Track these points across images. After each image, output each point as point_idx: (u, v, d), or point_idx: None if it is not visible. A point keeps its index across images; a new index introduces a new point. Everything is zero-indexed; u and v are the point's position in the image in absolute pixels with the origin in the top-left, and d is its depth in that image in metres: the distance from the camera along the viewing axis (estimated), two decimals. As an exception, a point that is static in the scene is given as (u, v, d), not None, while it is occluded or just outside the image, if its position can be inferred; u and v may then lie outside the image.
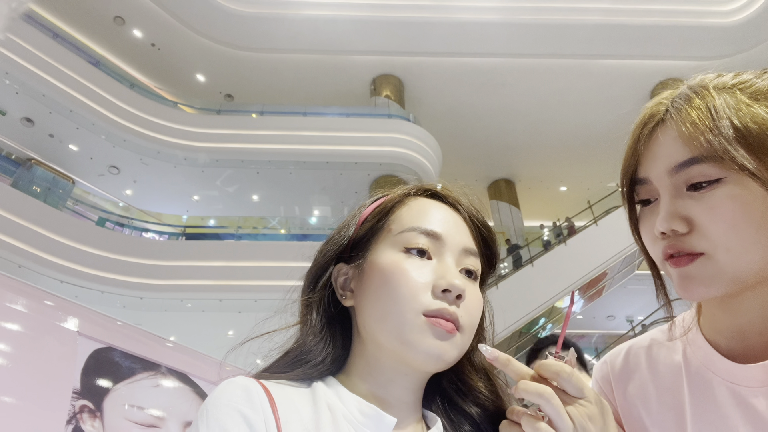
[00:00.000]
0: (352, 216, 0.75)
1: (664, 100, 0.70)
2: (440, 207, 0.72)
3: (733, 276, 0.60)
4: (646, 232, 0.68)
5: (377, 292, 0.65)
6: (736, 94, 0.62)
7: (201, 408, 0.58)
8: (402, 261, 0.65)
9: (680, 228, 0.62)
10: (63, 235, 10.05)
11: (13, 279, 1.68)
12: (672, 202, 0.63)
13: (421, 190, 0.75)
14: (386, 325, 0.63)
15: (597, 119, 16.35)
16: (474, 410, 0.71)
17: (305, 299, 0.72)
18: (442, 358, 0.62)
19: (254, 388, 0.59)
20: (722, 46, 14.69)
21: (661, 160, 0.64)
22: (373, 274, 0.66)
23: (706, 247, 0.61)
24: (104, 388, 1.61)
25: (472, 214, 0.73)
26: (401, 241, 0.67)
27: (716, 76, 0.67)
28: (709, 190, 0.60)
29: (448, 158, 15.07)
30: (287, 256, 10.66)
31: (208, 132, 13.20)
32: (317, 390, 0.64)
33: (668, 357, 0.74)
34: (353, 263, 0.71)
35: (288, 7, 14.19)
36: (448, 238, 0.68)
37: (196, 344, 2.40)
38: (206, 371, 2.06)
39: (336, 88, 15.53)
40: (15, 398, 1.39)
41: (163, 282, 10.68)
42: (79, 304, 1.80)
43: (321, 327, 0.69)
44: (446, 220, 0.70)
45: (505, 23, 14.29)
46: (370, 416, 0.62)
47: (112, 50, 14.47)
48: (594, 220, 12.30)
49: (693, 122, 0.62)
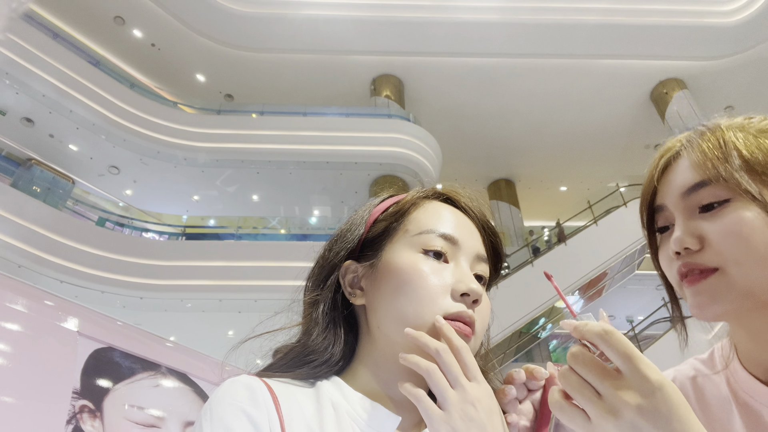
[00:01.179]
0: (362, 215, 0.75)
1: (681, 138, 0.77)
2: (454, 212, 0.73)
3: (744, 290, 0.63)
4: (663, 256, 0.72)
5: (395, 292, 0.65)
6: (744, 130, 0.70)
7: (204, 407, 0.58)
8: (420, 262, 0.66)
9: (693, 245, 0.66)
10: (63, 235, 10.05)
11: (13, 279, 1.68)
12: (685, 223, 0.68)
13: (434, 193, 0.76)
14: (404, 324, 0.63)
15: (597, 119, 16.36)
16: None
17: (311, 297, 0.72)
18: None
19: (258, 386, 0.59)
20: (722, 46, 14.69)
21: (675, 186, 0.71)
22: (390, 273, 0.67)
23: (718, 261, 0.65)
24: (104, 388, 1.61)
25: (483, 221, 0.75)
26: (419, 242, 0.68)
27: (729, 118, 0.75)
28: (719, 210, 0.66)
29: (448, 158, 15.07)
30: (287, 256, 10.66)
31: (208, 132, 13.20)
32: (321, 388, 0.64)
33: (714, 389, 0.76)
34: (364, 262, 0.71)
35: (288, 7, 14.18)
36: (464, 243, 0.69)
37: (196, 344, 2.40)
38: (206, 371, 2.06)
39: (336, 88, 15.53)
40: (15, 398, 1.39)
41: (163, 282, 10.68)
42: (79, 304, 1.80)
43: (326, 325, 0.69)
44: (461, 225, 0.71)
45: (505, 23, 14.28)
46: (374, 414, 0.62)
47: (112, 50, 14.47)
48: (594, 220, 12.31)
49: (703, 151, 0.69)
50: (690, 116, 14.35)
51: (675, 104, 14.85)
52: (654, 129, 15.92)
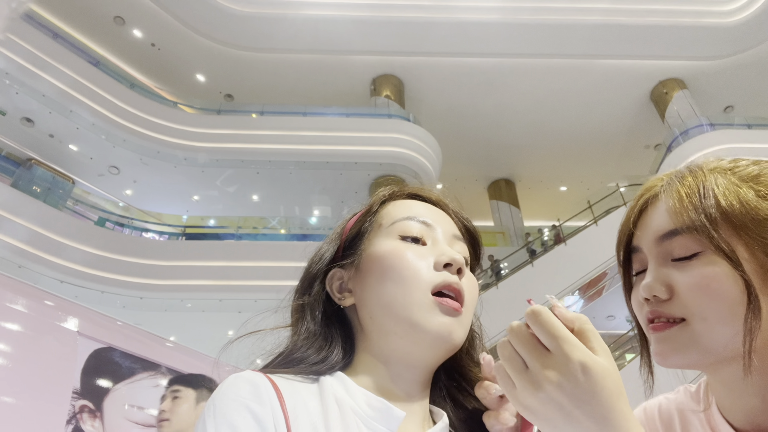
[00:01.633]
0: (337, 230, 0.77)
1: (664, 177, 0.74)
2: (425, 204, 0.75)
3: (707, 345, 0.63)
4: (635, 299, 0.72)
5: (381, 279, 0.66)
6: (727, 176, 0.67)
7: (208, 402, 0.57)
8: (400, 246, 0.67)
9: (661, 294, 0.66)
10: (63, 235, 10.05)
11: (13, 279, 1.68)
12: (657, 269, 0.67)
13: (401, 193, 0.78)
14: (394, 308, 0.64)
15: (597, 119, 16.36)
16: (477, 404, 0.71)
17: (297, 303, 0.73)
18: (451, 337, 0.64)
19: (262, 382, 0.59)
20: (722, 46, 14.69)
21: (651, 230, 0.69)
22: (373, 264, 0.68)
23: (684, 313, 0.64)
24: (104, 388, 1.61)
25: (455, 210, 0.77)
26: (395, 230, 0.70)
27: (716, 160, 0.72)
28: (689, 262, 0.64)
29: (448, 158, 15.07)
30: (287, 256, 10.65)
31: (208, 132, 13.20)
32: (325, 384, 0.64)
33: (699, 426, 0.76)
34: (347, 265, 0.72)
35: (288, 7, 14.19)
36: (438, 225, 0.71)
37: (196, 344, 2.41)
38: (206, 371, 2.06)
39: (336, 88, 15.53)
40: (15, 398, 1.39)
41: (163, 282, 10.68)
42: (79, 304, 1.80)
43: (314, 330, 0.69)
44: (433, 212, 0.73)
45: (505, 23, 14.29)
46: (379, 410, 0.62)
47: (112, 50, 14.47)
48: (594, 220, 12.31)
49: (680, 198, 0.67)
50: (690, 116, 14.35)
51: (675, 104, 14.85)
52: (654, 129, 15.92)
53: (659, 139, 15.79)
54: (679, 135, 13.82)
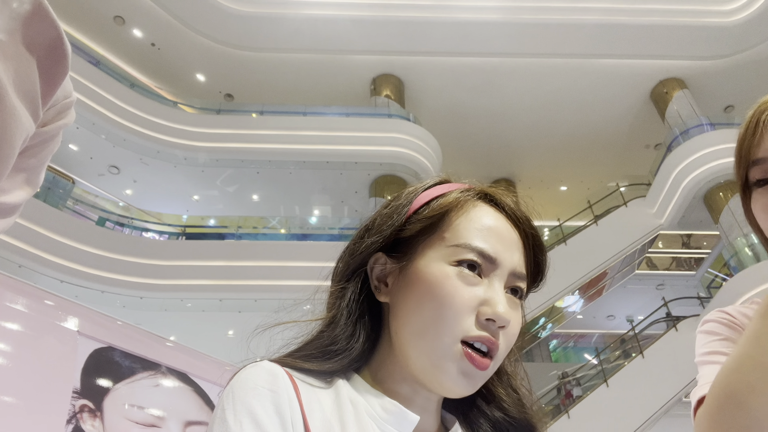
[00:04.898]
0: (402, 205, 0.71)
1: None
2: (498, 218, 0.69)
3: None
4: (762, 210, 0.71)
5: (419, 303, 0.63)
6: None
7: (226, 390, 0.57)
8: (452, 277, 0.62)
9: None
10: (63, 235, 10.05)
11: (13, 279, 1.68)
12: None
13: (479, 193, 0.73)
14: (421, 342, 0.62)
15: (597, 119, 16.36)
16: (498, 414, 0.70)
17: (336, 288, 0.70)
18: (464, 392, 0.62)
19: (280, 372, 0.59)
20: (722, 46, 14.69)
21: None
22: (418, 281, 0.64)
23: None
24: (104, 388, 1.61)
25: (527, 230, 0.71)
26: (454, 254, 0.64)
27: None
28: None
29: (448, 158, 15.07)
30: (287, 256, 10.66)
31: (208, 132, 13.21)
32: (339, 385, 0.63)
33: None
34: (394, 258, 0.68)
35: (288, 7, 14.19)
36: (502, 261, 0.65)
37: (196, 344, 2.41)
38: (206, 371, 2.06)
39: (336, 88, 15.53)
40: (15, 398, 1.39)
41: (163, 282, 10.68)
42: (79, 303, 1.80)
43: (348, 316, 0.67)
44: (503, 237, 0.67)
45: (505, 23, 14.29)
46: (394, 413, 0.61)
47: (112, 50, 14.47)
48: (594, 220, 12.32)
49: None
50: (690, 116, 14.35)
51: (675, 104, 14.85)
52: (654, 129, 15.92)
53: (659, 139, 15.79)
54: (680, 135, 13.82)
